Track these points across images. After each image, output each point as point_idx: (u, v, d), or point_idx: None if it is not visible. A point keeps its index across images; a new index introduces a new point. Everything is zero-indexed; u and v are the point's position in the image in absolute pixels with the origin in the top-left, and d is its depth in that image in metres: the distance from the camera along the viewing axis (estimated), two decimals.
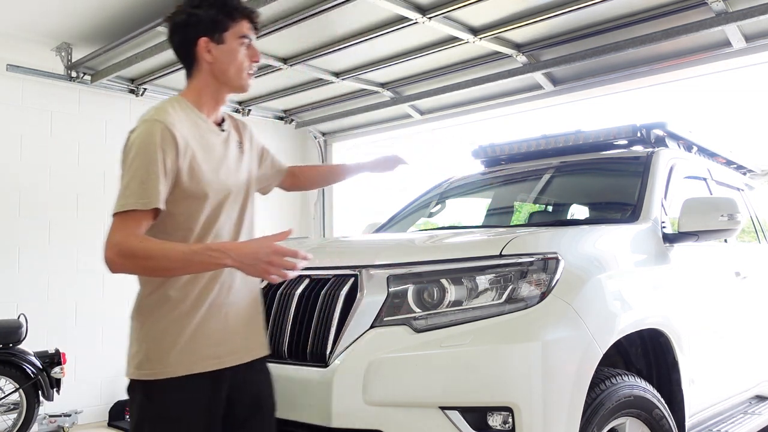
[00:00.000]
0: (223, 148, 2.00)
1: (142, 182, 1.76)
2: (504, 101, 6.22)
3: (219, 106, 2.05)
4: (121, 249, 1.73)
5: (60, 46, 5.37)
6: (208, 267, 1.79)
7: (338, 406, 2.05)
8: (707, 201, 2.99)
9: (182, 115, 1.91)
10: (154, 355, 1.85)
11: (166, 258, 1.74)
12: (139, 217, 1.76)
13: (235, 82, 2.01)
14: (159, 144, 1.79)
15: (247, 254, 1.72)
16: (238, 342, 1.95)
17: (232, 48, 1.97)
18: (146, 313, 1.90)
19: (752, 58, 4.88)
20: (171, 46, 2.06)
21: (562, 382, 2.04)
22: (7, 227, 5.45)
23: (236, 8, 1.97)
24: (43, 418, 5.35)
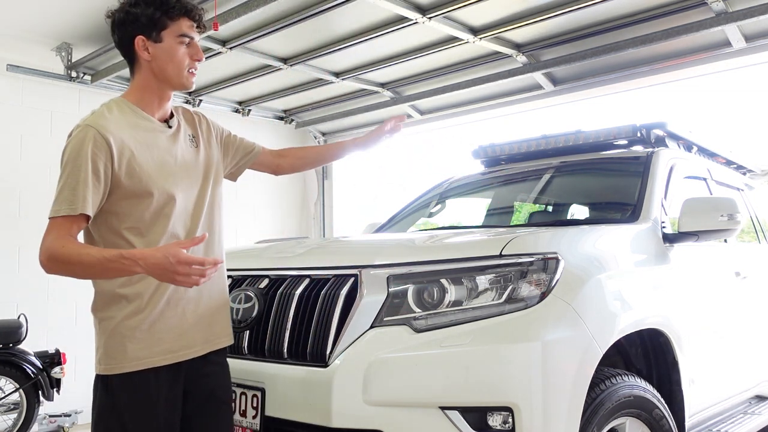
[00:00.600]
0: (169, 144, 2.01)
1: (72, 189, 1.82)
2: (504, 101, 6.22)
3: (164, 103, 2.05)
4: (49, 253, 1.79)
5: (60, 46, 5.36)
6: (123, 273, 1.82)
7: (338, 406, 2.05)
8: (707, 201, 2.99)
9: (119, 117, 1.93)
10: (111, 350, 1.91)
11: (81, 263, 1.78)
12: (69, 222, 1.81)
13: (175, 81, 2.00)
14: (90, 150, 1.82)
15: (154, 264, 1.72)
16: (197, 335, 1.98)
17: (171, 46, 1.97)
18: (102, 309, 1.94)
19: (752, 58, 4.88)
20: (114, 42, 2.06)
21: (562, 382, 2.04)
22: (7, 227, 5.45)
23: (174, 6, 1.96)
24: (43, 418, 5.35)
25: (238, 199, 7.17)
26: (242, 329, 2.38)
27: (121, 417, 1.88)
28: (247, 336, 2.37)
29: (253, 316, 2.37)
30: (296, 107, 7.33)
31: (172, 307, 1.94)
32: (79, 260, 1.78)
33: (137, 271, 1.76)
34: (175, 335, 1.94)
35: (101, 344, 1.94)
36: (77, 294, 5.76)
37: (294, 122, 7.66)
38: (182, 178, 1.99)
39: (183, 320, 1.96)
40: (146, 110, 2.00)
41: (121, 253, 1.78)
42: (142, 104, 2.00)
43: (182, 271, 1.71)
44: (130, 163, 1.88)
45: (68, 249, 1.78)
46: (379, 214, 5.36)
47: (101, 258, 1.77)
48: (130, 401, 1.89)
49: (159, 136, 2.00)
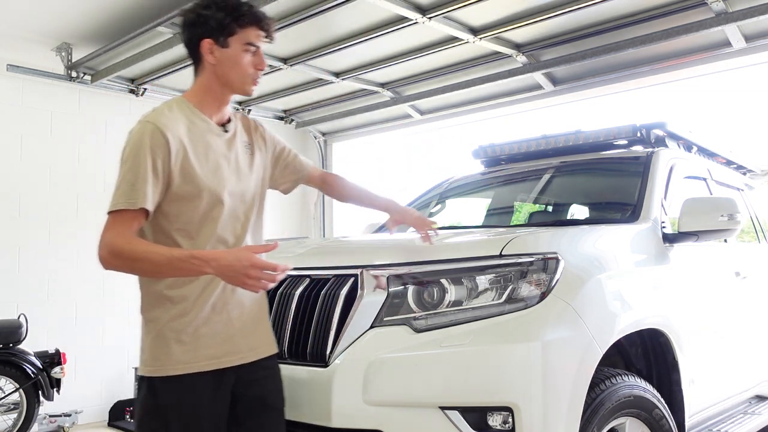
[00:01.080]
0: (224, 148, 2.01)
1: (131, 184, 1.81)
2: (504, 101, 6.22)
3: (223, 107, 2.06)
4: (111, 248, 1.79)
5: (60, 46, 5.36)
6: (190, 273, 1.83)
7: (338, 406, 2.05)
8: (707, 201, 2.99)
9: (179, 116, 1.94)
10: (156, 352, 1.90)
11: (150, 262, 1.79)
12: (129, 217, 1.81)
13: (237, 87, 2.02)
14: (149, 146, 1.83)
15: (226, 266, 1.75)
16: (242, 342, 1.97)
17: (236, 53, 1.98)
18: (149, 310, 1.94)
19: (752, 58, 4.88)
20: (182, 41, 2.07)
21: (562, 382, 2.04)
22: (7, 227, 5.45)
23: (245, 14, 1.97)
24: (44, 418, 5.35)
25: None
26: None
27: (165, 419, 1.88)
28: None
29: None
30: (296, 107, 7.33)
31: (218, 312, 1.93)
32: (147, 258, 1.79)
33: (206, 271, 1.77)
34: (220, 341, 1.93)
35: (147, 345, 1.93)
36: (77, 294, 5.77)
37: (294, 122, 7.65)
38: (234, 183, 1.99)
39: (228, 326, 1.95)
40: (205, 112, 2.01)
41: (191, 253, 1.80)
42: (201, 106, 2.01)
43: (254, 275, 1.74)
44: (184, 164, 1.89)
45: (134, 246, 1.80)
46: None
47: (170, 257, 1.79)
48: (174, 404, 1.88)
49: (216, 139, 2.00)
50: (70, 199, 5.82)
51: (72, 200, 5.83)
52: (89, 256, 6.18)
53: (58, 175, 5.76)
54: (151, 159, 1.83)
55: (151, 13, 4.61)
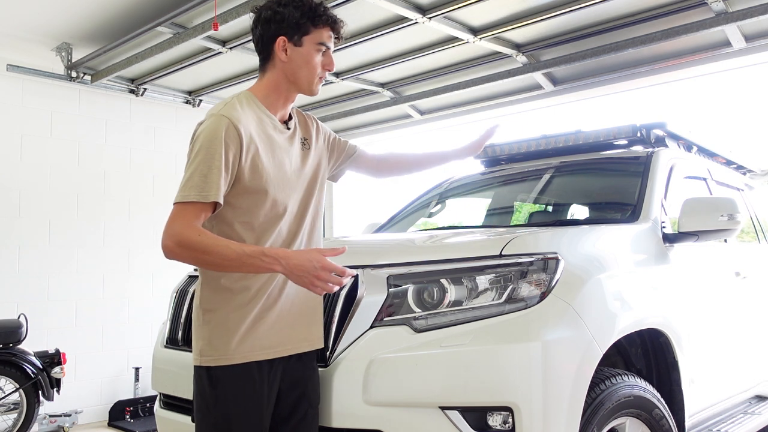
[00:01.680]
0: (287, 145, 2.05)
1: (204, 176, 1.82)
2: (504, 101, 6.22)
3: (287, 105, 2.10)
4: (180, 239, 1.80)
5: (60, 46, 5.36)
6: (258, 270, 1.85)
7: (338, 406, 2.05)
8: (707, 201, 2.99)
9: (248, 111, 1.97)
10: (216, 342, 1.93)
11: (220, 255, 1.80)
12: (198, 209, 1.83)
13: (305, 86, 2.06)
14: (223, 139, 1.85)
15: (297, 265, 1.79)
16: (294, 334, 2.02)
17: (309, 52, 2.01)
18: (210, 303, 1.97)
19: (752, 58, 4.87)
20: (252, 38, 2.10)
21: (562, 382, 2.04)
22: (7, 227, 5.45)
23: (320, 15, 2.01)
24: (44, 418, 5.35)
25: None
26: None
27: (227, 408, 1.91)
28: None
29: None
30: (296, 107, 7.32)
31: (275, 303, 1.98)
32: (217, 251, 1.80)
33: (276, 269, 1.81)
34: (275, 331, 1.97)
35: (205, 335, 1.95)
36: (77, 294, 5.77)
37: None
38: (294, 180, 2.04)
39: (283, 317, 1.99)
40: (270, 109, 2.04)
41: (262, 250, 1.83)
42: (267, 102, 2.04)
43: (324, 277, 1.79)
44: (254, 159, 1.92)
45: (204, 239, 1.81)
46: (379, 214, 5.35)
47: (241, 252, 1.80)
48: (236, 393, 1.91)
49: (280, 136, 2.04)
50: (70, 199, 5.82)
51: (72, 200, 5.83)
52: (89, 256, 6.19)
53: (58, 175, 5.76)
54: (224, 152, 1.84)
55: (151, 13, 4.61)
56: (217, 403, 1.92)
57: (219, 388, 1.92)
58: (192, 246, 1.79)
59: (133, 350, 6.06)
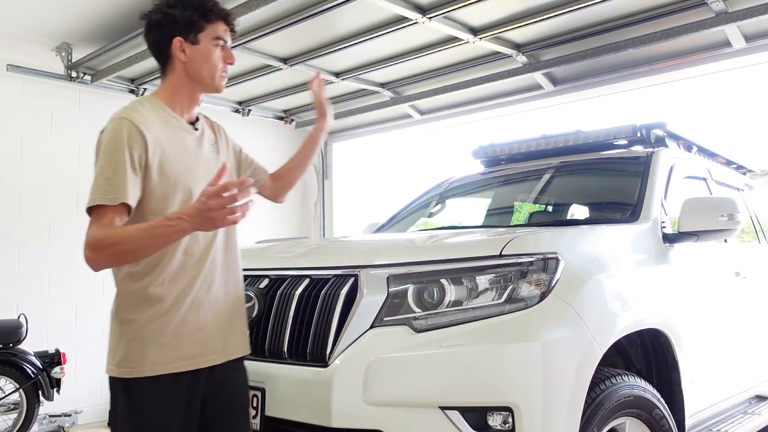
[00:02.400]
0: (195, 146, 2.04)
1: (108, 179, 1.80)
2: (504, 101, 6.22)
3: (193, 105, 2.09)
4: (94, 244, 1.77)
5: (60, 46, 5.36)
6: (171, 236, 1.79)
7: (338, 406, 2.05)
8: (707, 201, 2.99)
9: (152, 114, 1.95)
10: (132, 353, 1.88)
11: (130, 238, 1.77)
12: (110, 213, 1.79)
13: (208, 83, 2.04)
14: (126, 141, 1.83)
15: (194, 212, 1.73)
16: (217, 343, 1.99)
17: (207, 49, 2.01)
18: (126, 311, 1.92)
19: (752, 58, 4.88)
20: (147, 45, 2.08)
21: (562, 382, 2.04)
22: (7, 227, 5.45)
23: (212, 10, 2.01)
24: (44, 418, 5.35)
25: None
26: None
27: (141, 420, 1.88)
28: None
29: (253, 316, 2.37)
30: (296, 107, 7.33)
31: (194, 312, 1.94)
32: (127, 237, 1.77)
33: (185, 227, 1.74)
34: (195, 341, 1.93)
35: (121, 347, 1.90)
36: (77, 294, 5.77)
37: (294, 122, 7.66)
38: (204, 180, 1.96)
39: (204, 327, 1.96)
40: (176, 110, 2.03)
41: (165, 216, 1.79)
42: (172, 104, 2.02)
43: (216, 205, 1.69)
44: (161, 160, 1.90)
45: (112, 231, 1.77)
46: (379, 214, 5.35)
47: (147, 227, 1.77)
48: (150, 405, 1.88)
49: (187, 136, 2.03)
50: (70, 199, 5.81)
51: (72, 200, 5.82)
52: None
53: (58, 175, 5.75)
54: (128, 153, 1.82)
55: None
56: (131, 415, 1.88)
57: (135, 399, 1.88)
58: (104, 242, 1.76)
59: None
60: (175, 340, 1.90)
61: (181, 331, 1.91)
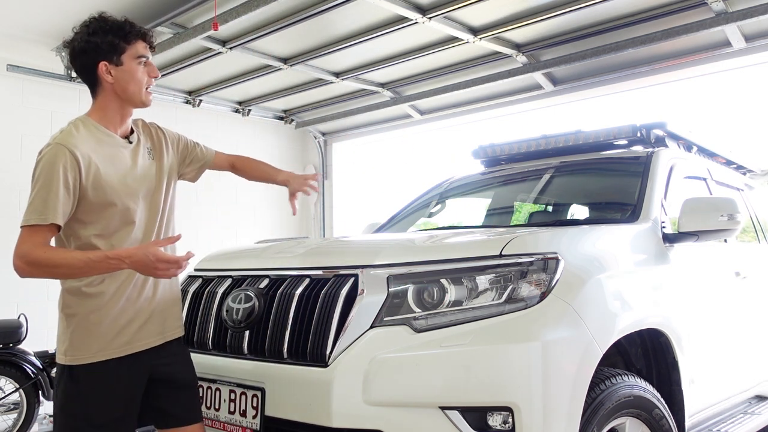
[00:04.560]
0: (130, 158, 2.20)
1: (43, 200, 1.99)
2: (504, 101, 6.23)
3: (125, 120, 2.23)
4: (28, 259, 1.98)
5: (60, 46, 5.36)
6: (108, 271, 2.04)
7: (338, 406, 2.05)
8: (707, 201, 2.99)
9: (86, 135, 2.11)
10: (77, 342, 2.12)
11: (69, 266, 2.00)
12: (42, 230, 2.00)
13: (136, 99, 2.18)
14: (60, 165, 1.99)
15: (137, 261, 1.96)
16: (152, 328, 2.21)
17: (131, 68, 2.15)
18: (69, 306, 2.16)
19: (752, 58, 4.88)
20: (74, 70, 2.24)
21: (562, 382, 2.04)
22: (6, 227, 5.44)
23: (130, 32, 2.16)
24: (44, 418, 5.34)
25: (238, 199, 7.17)
26: (242, 329, 2.38)
27: (85, 402, 2.08)
28: (247, 336, 2.37)
29: (253, 316, 2.37)
30: (296, 107, 7.33)
31: (132, 303, 2.16)
32: (65, 263, 1.99)
33: (123, 267, 1.99)
34: (134, 329, 2.15)
35: (66, 337, 2.15)
36: None
37: (294, 122, 7.66)
38: (141, 189, 2.19)
39: (140, 314, 2.17)
40: (109, 128, 2.18)
41: (106, 254, 2.00)
42: (104, 122, 2.17)
43: (162, 267, 1.96)
44: (96, 177, 2.06)
45: (52, 254, 2.00)
46: (379, 214, 5.35)
47: (87, 260, 1.98)
48: (95, 388, 2.09)
49: (121, 151, 2.18)
50: None
51: None
52: None
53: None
54: (62, 178, 1.99)
55: (151, 13, 4.62)
56: (77, 399, 2.09)
57: (80, 384, 2.10)
58: (40, 263, 1.98)
59: None
60: (114, 329, 2.12)
61: (120, 321, 2.13)
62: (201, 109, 6.84)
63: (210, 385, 2.40)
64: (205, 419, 2.35)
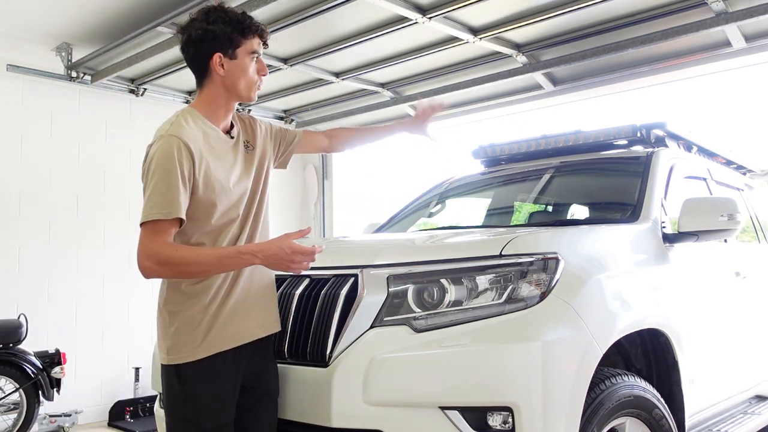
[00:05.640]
0: (232, 154, 2.16)
1: (163, 195, 1.93)
2: (504, 101, 6.22)
3: (228, 115, 2.19)
4: (158, 258, 1.92)
5: (60, 46, 5.36)
6: (239, 266, 2.04)
7: (338, 406, 2.05)
8: (707, 201, 2.99)
9: (194, 128, 2.07)
10: (182, 342, 2.05)
11: (201, 264, 1.96)
12: (166, 226, 1.94)
13: (245, 94, 2.16)
14: (176, 158, 1.96)
15: (271, 255, 1.96)
16: (254, 320, 2.15)
17: (244, 63, 2.12)
18: (175, 303, 2.08)
19: (752, 58, 4.88)
20: (185, 58, 2.17)
21: (562, 382, 2.04)
22: (7, 227, 5.45)
23: (249, 26, 2.12)
24: (44, 418, 5.35)
25: None
26: None
27: (195, 402, 2.03)
28: None
29: None
30: (296, 107, 7.33)
31: (234, 296, 2.10)
32: (198, 261, 1.96)
33: (256, 263, 1.98)
34: (237, 320, 2.10)
35: (170, 335, 2.07)
36: (77, 294, 5.77)
37: (294, 122, 7.66)
38: (244, 185, 2.16)
39: (242, 306, 2.12)
40: (213, 121, 2.14)
41: (238, 249, 2.01)
42: (209, 115, 2.13)
43: (297, 259, 1.96)
44: (206, 172, 2.03)
45: (183, 252, 1.95)
46: (379, 214, 5.35)
47: (219, 256, 1.98)
48: (203, 387, 2.04)
49: (225, 146, 2.15)
50: (70, 199, 5.82)
51: (72, 200, 5.82)
52: (89, 256, 6.17)
53: (58, 175, 5.75)
54: (179, 170, 1.95)
55: (151, 13, 4.61)
56: (186, 398, 2.04)
57: (187, 384, 2.04)
58: (173, 262, 1.92)
59: (133, 350, 6.05)
60: (215, 327, 2.05)
61: (225, 314, 2.07)
62: None
63: None
64: None
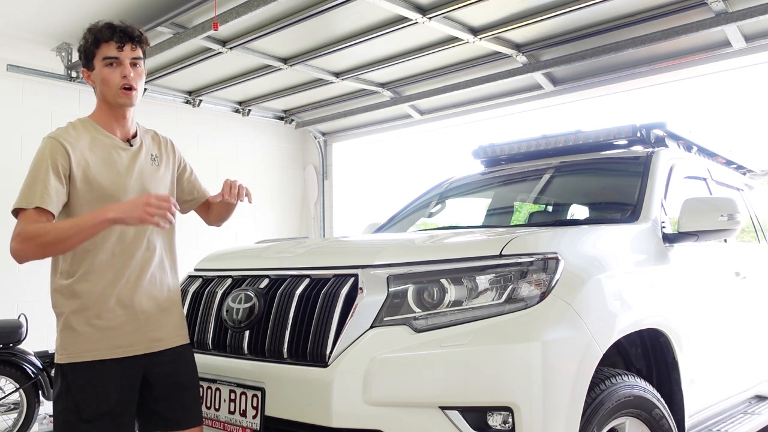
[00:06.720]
0: (128, 160, 2.22)
1: (29, 186, 2.04)
2: (504, 101, 6.23)
3: (121, 122, 2.25)
4: (20, 236, 1.98)
5: (60, 46, 5.37)
6: (96, 225, 1.98)
7: (338, 406, 2.05)
8: (707, 201, 2.99)
9: (82, 132, 2.18)
10: (64, 341, 2.13)
11: (55, 229, 1.99)
12: (30, 214, 2.01)
13: (112, 100, 2.21)
14: (49, 154, 2.06)
15: (123, 209, 1.96)
16: (147, 334, 2.17)
17: (101, 72, 2.20)
18: (57, 304, 2.15)
19: (752, 58, 4.88)
20: None
21: (562, 382, 2.04)
22: (6, 227, 5.44)
23: (96, 36, 2.20)
24: (44, 418, 5.35)
25: None
26: (242, 329, 2.38)
27: (73, 398, 2.08)
28: (247, 336, 2.37)
29: (253, 316, 2.37)
30: (296, 107, 7.33)
31: (123, 306, 2.13)
32: (52, 227, 1.98)
33: (109, 216, 1.96)
34: (125, 333, 2.13)
35: (58, 336, 2.15)
36: None
37: (294, 122, 7.66)
38: (136, 190, 2.19)
39: (133, 319, 2.14)
40: (107, 129, 2.23)
41: (90, 212, 2.01)
42: (102, 124, 2.24)
43: (154, 203, 1.94)
44: (85, 171, 2.10)
45: (37, 225, 1.99)
46: (379, 214, 5.35)
47: (75, 220, 2.01)
48: (82, 387, 2.09)
49: (119, 152, 2.21)
50: None
51: None
52: None
53: None
54: (51, 162, 2.04)
55: (151, 13, 4.62)
56: (68, 395, 2.09)
57: (68, 382, 2.10)
58: (30, 235, 1.96)
59: None
60: (102, 330, 2.10)
61: (110, 323, 2.10)
62: (201, 109, 6.84)
63: (210, 385, 2.40)
64: (205, 419, 2.35)
